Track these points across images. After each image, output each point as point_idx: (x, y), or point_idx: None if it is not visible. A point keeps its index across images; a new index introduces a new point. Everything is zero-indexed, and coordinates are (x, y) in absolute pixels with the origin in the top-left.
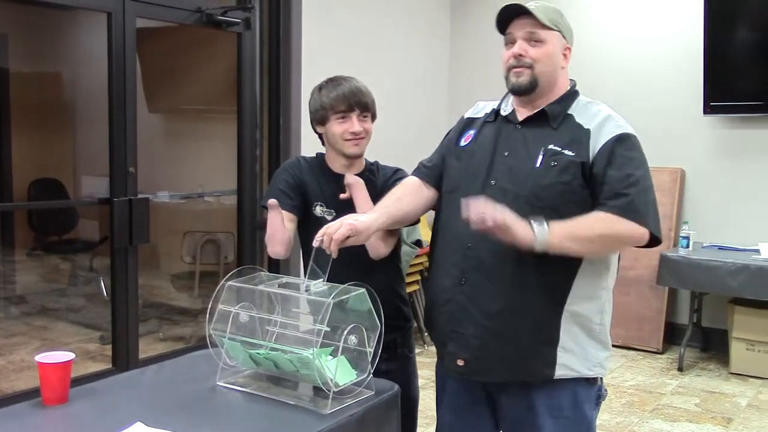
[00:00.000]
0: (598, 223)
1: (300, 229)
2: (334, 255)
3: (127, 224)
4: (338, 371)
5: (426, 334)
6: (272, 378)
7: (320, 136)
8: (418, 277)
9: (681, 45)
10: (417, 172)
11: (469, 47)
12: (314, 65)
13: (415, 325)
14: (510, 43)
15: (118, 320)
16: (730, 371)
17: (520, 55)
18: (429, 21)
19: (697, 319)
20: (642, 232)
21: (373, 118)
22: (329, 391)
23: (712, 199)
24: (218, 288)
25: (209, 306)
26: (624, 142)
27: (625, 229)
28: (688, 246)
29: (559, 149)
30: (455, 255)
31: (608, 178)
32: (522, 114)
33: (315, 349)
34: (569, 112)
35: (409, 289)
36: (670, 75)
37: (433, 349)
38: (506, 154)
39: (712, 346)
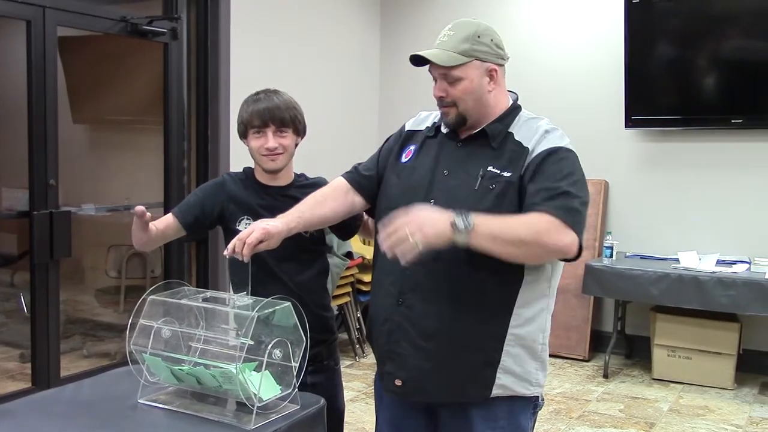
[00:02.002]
0: (523, 227)
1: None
2: (246, 260)
3: (48, 238)
4: (262, 386)
5: (358, 346)
6: (196, 394)
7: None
8: (350, 289)
9: (603, 60)
10: (349, 176)
11: (399, 57)
12: (242, 75)
13: (347, 337)
14: (434, 79)
15: (38, 337)
16: (653, 377)
17: (441, 96)
18: (359, 30)
19: (621, 326)
20: (569, 242)
21: (298, 132)
22: (253, 406)
23: (634, 209)
24: (140, 302)
25: (130, 321)
26: (553, 155)
27: (552, 240)
28: (611, 255)
29: (498, 171)
30: (393, 274)
31: (530, 190)
32: (463, 132)
33: (238, 363)
34: (510, 130)
35: (340, 301)
36: (593, 90)
37: (365, 361)
38: (446, 173)
39: (636, 352)
